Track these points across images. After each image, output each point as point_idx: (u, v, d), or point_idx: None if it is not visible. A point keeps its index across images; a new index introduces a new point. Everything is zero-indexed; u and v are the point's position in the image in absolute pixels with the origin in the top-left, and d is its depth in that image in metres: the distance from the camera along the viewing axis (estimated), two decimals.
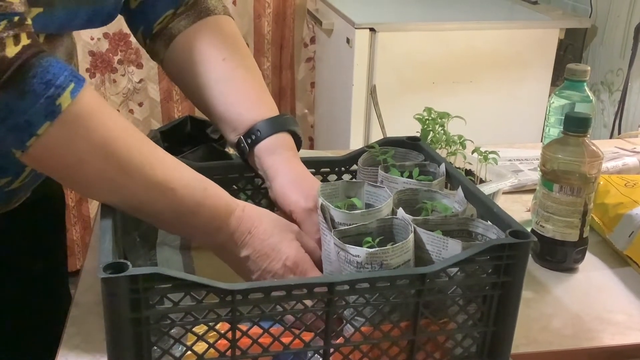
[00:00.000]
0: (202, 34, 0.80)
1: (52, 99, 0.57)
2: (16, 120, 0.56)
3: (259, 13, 2.24)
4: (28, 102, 0.56)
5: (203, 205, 0.66)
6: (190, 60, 0.79)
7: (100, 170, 0.61)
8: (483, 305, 0.63)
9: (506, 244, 0.61)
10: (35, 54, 0.57)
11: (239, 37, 0.83)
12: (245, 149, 0.76)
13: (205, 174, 0.79)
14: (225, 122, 0.79)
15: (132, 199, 0.64)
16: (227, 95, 0.79)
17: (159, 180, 0.63)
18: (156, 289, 0.54)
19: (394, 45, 1.78)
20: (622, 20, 1.76)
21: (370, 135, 1.85)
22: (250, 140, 0.76)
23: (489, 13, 2.04)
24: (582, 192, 0.82)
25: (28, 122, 0.56)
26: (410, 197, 0.72)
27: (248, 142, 0.76)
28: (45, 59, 0.58)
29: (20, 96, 0.56)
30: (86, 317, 0.73)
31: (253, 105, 0.78)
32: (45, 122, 0.57)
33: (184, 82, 0.81)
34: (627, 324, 0.76)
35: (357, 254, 0.61)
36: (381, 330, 0.61)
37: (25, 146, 0.57)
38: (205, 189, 0.67)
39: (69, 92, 0.57)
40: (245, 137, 0.76)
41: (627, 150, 1.21)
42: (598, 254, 0.90)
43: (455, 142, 0.92)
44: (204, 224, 0.66)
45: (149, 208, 0.64)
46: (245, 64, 0.81)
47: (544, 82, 1.89)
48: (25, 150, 0.58)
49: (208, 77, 0.78)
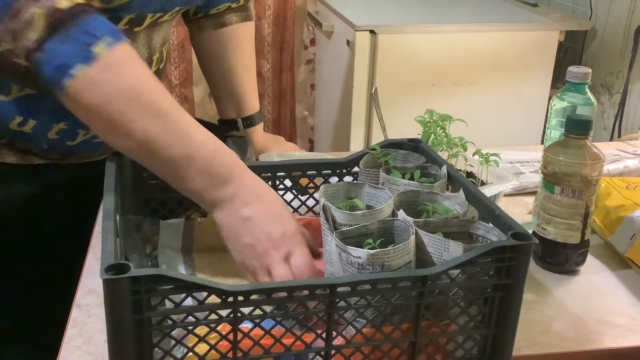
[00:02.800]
0: (245, 33, 1.09)
1: (89, 46, 0.65)
2: (59, 61, 0.65)
3: (259, 15, 2.24)
4: (68, 46, 0.65)
5: (219, 157, 0.70)
6: (232, 47, 1.07)
7: (124, 111, 0.66)
8: (484, 307, 0.63)
9: (508, 246, 0.61)
10: (83, 10, 0.67)
11: None
12: (241, 126, 1.10)
13: None
14: (233, 101, 1.10)
15: (150, 143, 0.67)
16: (246, 84, 1.10)
17: (179, 126, 0.68)
18: (158, 290, 0.54)
19: (394, 48, 1.78)
20: (622, 23, 1.76)
21: (370, 137, 1.85)
22: (247, 123, 1.11)
23: (489, 15, 2.05)
24: (584, 195, 0.82)
25: (66, 64, 0.65)
26: (412, 199, 0.72)
27: (246, 123, 1.11)
28: (91, 15, 0.67)
29: (63, 41, 0.65)
30: (87, 319, 0.73)
31: (255, 97, 1.12)
32: (80, 65, 0.65)
33: (216, 57, 1.07)
34: (628, 326, 0.76)
35: (359, 255, 0.61)
36: (382, 332, 0.61)
37: (63, 85, 0.66)
38: (219, 144, 0.71)
39: (105, 43, 0.66)
40: (244, 120, 1.11)
41: (628, 152, 1.21)
42: (599, 256, 0.90)
43: (456, 145, 0.92)
44: (217, 174, 0.69)
45: (164, 153, 0.68)
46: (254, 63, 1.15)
47: (544, 84, 1.89)
48: (63, 90, 0.66)
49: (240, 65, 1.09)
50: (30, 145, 0.88)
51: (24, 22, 0.65)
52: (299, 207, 0.84)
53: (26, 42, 0.66)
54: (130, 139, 0.68)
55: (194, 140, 0.69)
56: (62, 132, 0.89)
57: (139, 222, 0.79)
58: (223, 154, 0.71)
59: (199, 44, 1.09)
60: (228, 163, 0.70)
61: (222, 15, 1.06)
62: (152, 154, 0.68)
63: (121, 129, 0.67)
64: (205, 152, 0.69)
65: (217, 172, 0.69)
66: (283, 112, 2.44)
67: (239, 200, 0.69)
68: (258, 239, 0.68)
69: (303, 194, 0.84)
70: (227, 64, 1.07)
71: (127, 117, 0.66)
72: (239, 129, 1.10)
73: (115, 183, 0.71)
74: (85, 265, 0.83)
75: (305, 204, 0.84)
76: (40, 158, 0.90)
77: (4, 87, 0.85)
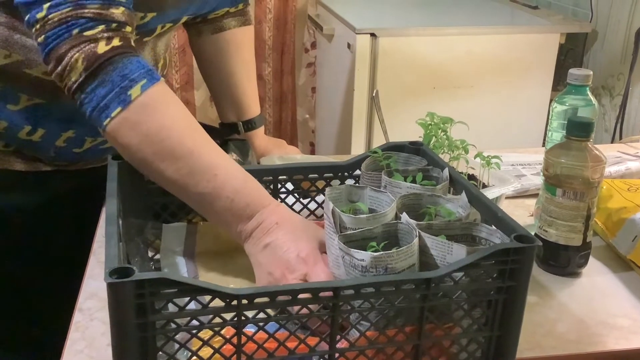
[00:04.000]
0: (244, 37, 1.11)
1: (125, 89, 0.70)
2: (98, 103, 0.70)
3: (259, 19, 2.25)
4: (107, 89, 0.70)
5: (241, 193, 0.72)
6: (231, 51, 1.09)
7: (154, 152, 0.71)
8: (488, 309, 0.63)
9: (511, 249, 0.61)
10: (121, 53, 0.71)
11: None
12: (242, 130, 1.11)
13: None
14: (234, 105, 1.11)
15: (178, 182, 0.72)
16: (246, 88, 1.11)
17: (205, 166, 0.71)
18: (162, 293, 0.54)
19: (394, 51, 1.78)
20: (623, 25, 1.77)
21: (371, 140, 1.85)
22: (247, 127, 1.12)
23: (490, 18, 2.05)
24: (585, 197, 0.82)
25: (106, 105, 0.70)
26: (414, 201, 0.72)
27: (247, 127, 1.11)
28: (128, 58, 0.71)
29: (102, 84, 0.70)
30: (90, 323, 0.73)
31: (255, 101, 1.13)
32: (117, 107, 0.70)
33: (216, 62, 1.09)
34: (631, 328, 0.76)
35: (362, 258, 0.61)
36: (386, 334, 0.61)
37: (103, 125, 0.71)
38: (245, 180, 0.74)
39: (140, 85, 0.70)
40: (244, 123, 1.11)
41: (630, 154, 1.21)
42: (601, 258, 0.90)
43: (457, 147, 0.92)
44: (238, 210, 0.72)
45: (192, 190, 0.72)
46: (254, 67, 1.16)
47: (544, 86, 1.89)
48: (103, 128, 0.71)
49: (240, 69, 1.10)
50: (38, 153, 0.89)
51: (67, 65, 0.70)
52: (301, 211, 0.84)
53: (69, 82, 0.71)
54: (161, 177, 0.72)
55: (218, 178, 0.71)
56: (70, 140, 0.91)
57: (141, 225, 0.79)
58: (245, 188, 0.73)
59: (198, 48, 1.10)
60: (249, 199, 0.72)
61: (221, 20, 1.07)
62: (181, 191, 0.73)
63: (153, 168, 0.72)
64: (228, 190, 0.71)
65: (239, 208, 0.72)
66: (284, 115, 2.44)
67: (260, 231, 0.71)
68: (274, 265, 0.69)
69: (304, 197, 0.84)
70: (227, 68, 1.09)
71: (156, 158, 0.71)
72: (240, 133, 1.10)
73: (117, 187, 0.71)
74: (87, 269, 0.83)
75: (307, 207, 0.85)
76: (47, 165, 0.91)
77: (13, 97, 0.86)
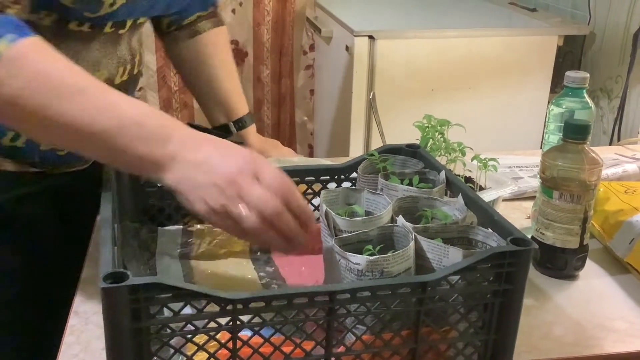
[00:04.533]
0: (219, 38, 1.09)
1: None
2: None
3: (258, 21, 2.25)
4: None
5: (149, 115, 0.65)
6: (209, 53, 1.07)
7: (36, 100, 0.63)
8: (484, 313, 0.63)
9: (507, 252, 0.61)
10: None
11: None
12: (234, 130, 1.09)
13: None
14: (221, 106, 1.09)
15: (72, 124, 0.63)
16: (230, 88, 1.09)
17: (101, 99, 0.64)
18: (156, 298, 0.54)
19: (393, 53, 1.78)
20: (621, 27, 1.77)
21: (370, 142, 1.85)
22: (238, 126, 1.09)
23: (488, 20, 2.05)
24: (582, 199, 0.82)
25: None
26: (411, 204, 0.72)
27: (238, 126, 1.09)
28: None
29: None
30: (85, 327, 0.73)
31: (241, 100, 1.11)
32: None
33: (196, 66, 1.07)
34: (628, 331, 0.76)
35: (358, 261, 0.61)
36: (382, 338, 0.61)
37: None
38: (148, 106, 0.67)
39: (7, 39, 0.63)
40: (235, 123, 1.09)
41: (627, 157, 1.21)
42: (598, 261, 0.90)
43: (454, 150, 0.92)
44: (152, 134, 0.64)
45: (90, 129, 0.63)
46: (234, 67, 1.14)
47: (543, 88, 1.89)
48: None
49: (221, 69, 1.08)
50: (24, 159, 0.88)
51: None
52: None
53: None
54: (51, 127, 0.64)
55: (119, 107, 0.64)
56: None
57: (137, 229, 0.79)
58: (153, 112, 0.66)
59: (176, 55, 1.09)
60: (161, 119, 0.65)
61: (195, 24, 1.06)
62: (78, 135, 0.64)
63: (39, 119, 0.63)
64: (135, 115, 0.64)
65: (151, 131, 0.64)
66: (282, 117, 2.44)
67: (186, 150, 0.64)
68: (220, 175, 0.62)
69: None
70: (208, 70, 1.07)
71: (40, 105, 0.63)
72: (233, 133, 1.09)
73: (113, 190, 0.71)
74: (83, 272, 0.83)
75: None
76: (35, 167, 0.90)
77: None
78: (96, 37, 0.84)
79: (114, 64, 0.88)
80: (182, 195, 0.64)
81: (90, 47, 0.84)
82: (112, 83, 0.88)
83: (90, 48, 0.84)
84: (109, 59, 0.87)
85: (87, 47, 0.83)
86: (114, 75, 0.89)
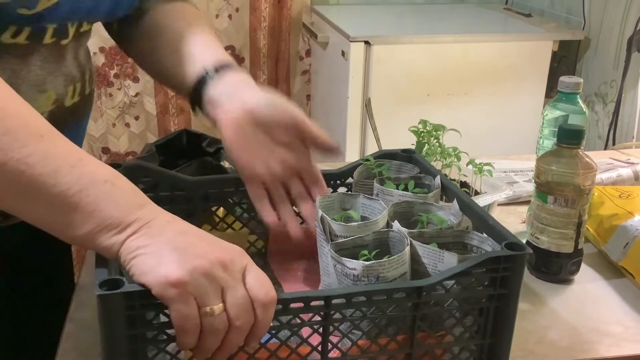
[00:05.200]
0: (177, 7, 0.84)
1: None
2: None
3: (254, 27, 2.25)
4: None
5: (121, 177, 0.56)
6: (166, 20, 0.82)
7: None
8: (479, 317, 0.63)
9: (502, 257, 0.61)
10: None
11: None
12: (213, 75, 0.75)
13: (200, 188, 0.80)
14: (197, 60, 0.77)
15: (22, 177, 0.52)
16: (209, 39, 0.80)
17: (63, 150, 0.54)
18: (152, 305, 0.54)
19: (388, 58, 1.79)
20: (615, 32, 1.78)
21: (366, 147, 1.86)
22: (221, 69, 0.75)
23: (483, 26, 2.06)
24: (577, 204, 0.82)
25: None
26: (406, 209, 0.72)
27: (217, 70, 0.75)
28: None
29: None
30: (81, 333, 0.73)
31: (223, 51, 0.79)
32: None
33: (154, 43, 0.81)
34: (623, 335, 0.76)
35: (354, 267, 0.61)
36: (378, 343, 0.61)
37: None
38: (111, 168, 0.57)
39: None
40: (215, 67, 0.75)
41: (622, 161, 1.21)
42: (593, 265, 0.91)
43: (450, 154, 0.93)
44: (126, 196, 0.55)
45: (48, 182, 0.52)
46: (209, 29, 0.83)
47: (538, 93, 1.90)
48: None
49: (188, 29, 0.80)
50: None
51: None
52: None
53: None
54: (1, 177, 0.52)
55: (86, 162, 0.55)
56: None
57: None
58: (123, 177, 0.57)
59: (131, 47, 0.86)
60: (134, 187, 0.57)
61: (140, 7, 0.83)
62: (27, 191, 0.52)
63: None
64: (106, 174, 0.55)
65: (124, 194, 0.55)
66: None
67: (164, 219, 0.55)
68: (207, 250, 0.53)
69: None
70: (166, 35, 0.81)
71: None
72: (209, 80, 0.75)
73: None
74: (80, 279, 0.83)
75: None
76: None
77: None
78: (36, 51, 0.69)
79: (61, 82, 0.74)
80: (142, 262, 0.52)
81: (30, 63, 0.69)
82: (62, 105, 0.74)
83: (30, 65, 0.69)
84: (55, 76, 0.72)
85: (26, 64, 0.69)
86: (63, 96, 0.74)
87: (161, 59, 0.81)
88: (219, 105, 0.73)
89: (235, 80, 0.75)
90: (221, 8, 2.22)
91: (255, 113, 0.72)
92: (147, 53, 0.84)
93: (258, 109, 0.72)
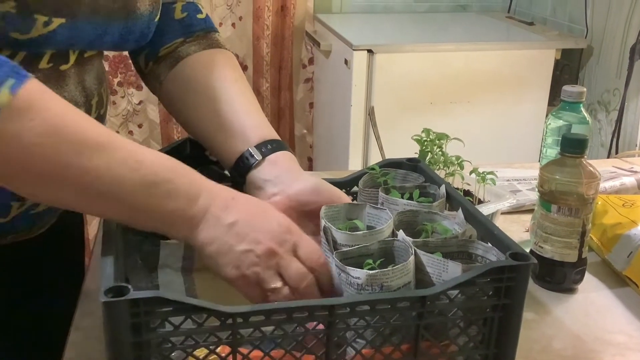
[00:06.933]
0: (216, 57, 0.81)
1: None
2: None
3: (257, 35, 2.26)
4: None
5: (177, 170, 0.61)
6: (202, 76, 0.79)
7: (52, 160, 0.55)
8: (484, 327, 0.63)
9: (506, 266, 0.61)
10: None
11: None
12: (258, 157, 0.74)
13: None
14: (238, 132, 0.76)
15: (91, 186, 0.57)
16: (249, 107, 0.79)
17: (123, 155, 0.58)
18: (157, 312, 0.54)
19: (391, 67, 1.79)
20: (618, 41, 1.78)
21: (369, 155, 1.86)
22: (265, 149, 0.75)
23: (486, 34, 2.07)
24: (580, 213, 0.82)
25: None
26: (411, 218, 0.72)
27: (262, 151, 0.75)
28: None
29: None
30: (86, 342, 0.73)
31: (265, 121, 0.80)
32: None
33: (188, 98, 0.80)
34: (627, 344, 0.76)
35: (358, 275, 0.61)
36: (382, 352, 0.61)
37: None
38: (174, 160, 0.62)
39: (8, 86, 0.54)
40: (259, 146, 0.75)
41: (625, 169, 1.21)
42: (597, 274, 0.91)
43: (453, 163, 0.93)
44: (182, 191, 0.60)
45: (115, 189, 0.58)
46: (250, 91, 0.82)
47: (540, 101, 1.90)
48: None
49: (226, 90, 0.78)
50: None
51: None
52: None
53: None
54: (68, 188, 0.57)
55: (145, 163, 0.59)
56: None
57: (140, 242, 0.79)
58: (181, 167, 0.62)
59: (165, 96, 0.83)
60: (191, 176, 0.62)
61: (175, 51, 0.82)
62: (100, 197, 0.58)
63: (53, 180, 0.56)
64: (163, 172, 0.60)
65: (182, 189, 0.60)
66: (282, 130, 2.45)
67: (216, 209, 0.61)
68: (255, 241, 0.60)
69: None
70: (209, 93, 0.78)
71: (58, 164, 0.55)
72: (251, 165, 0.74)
73: None
74: (84, 287, 0.83)
75: None
76: None
77: None
78: None
79: None
80: (210, 258, 0.62)
81: None
82: None
83: None
84: None
85: None
86: None
87: (198, 122, 0.79)
88: (262, 191, 0.73)
89: (279, 164, 0.74)
90: (225, 16, 2.23)
91: (300, 200, 0.71)
92: (179, 106, 0.82)
93: (302, 196, 0.72)
